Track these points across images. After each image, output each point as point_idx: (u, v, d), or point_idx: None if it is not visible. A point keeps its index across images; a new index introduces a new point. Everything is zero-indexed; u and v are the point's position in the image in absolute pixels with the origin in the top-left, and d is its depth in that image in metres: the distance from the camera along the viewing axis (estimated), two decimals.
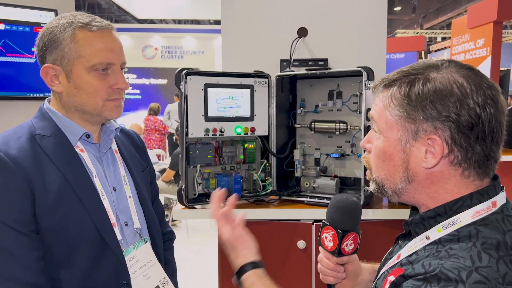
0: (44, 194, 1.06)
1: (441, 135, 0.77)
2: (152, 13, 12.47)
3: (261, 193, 2.12)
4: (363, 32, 2.34)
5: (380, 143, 0.85)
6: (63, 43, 1.09)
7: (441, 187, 0.81)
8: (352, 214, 1.04)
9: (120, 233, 1.18)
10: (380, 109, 0.84)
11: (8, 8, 2.00)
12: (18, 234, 1.03)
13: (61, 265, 1.09)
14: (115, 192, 1.21)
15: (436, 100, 0.76)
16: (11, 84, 2.05)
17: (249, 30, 2.38)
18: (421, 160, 0.80)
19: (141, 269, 1.21)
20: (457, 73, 0.78)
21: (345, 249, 1.04)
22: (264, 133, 2.12)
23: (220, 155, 2.09)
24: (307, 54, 2.36)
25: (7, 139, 1.08)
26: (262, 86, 2.10)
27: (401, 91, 0.80)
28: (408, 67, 0.84)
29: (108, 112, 1.15)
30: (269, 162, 2.16)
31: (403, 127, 0.80)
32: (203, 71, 1.98)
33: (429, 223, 0.82)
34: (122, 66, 1.18)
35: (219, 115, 2.01)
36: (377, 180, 0.88)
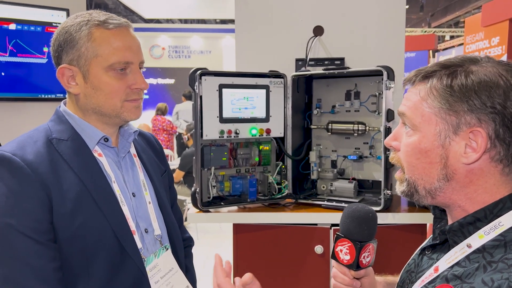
0: (61, 201, 1.02)
1: (485, 127, 0.74)
2: (159, 13, 12.43)
3: (277, 196, 2.07)
4: (381, 30, 2.28)
5: (415, 139, 0.81)
6: (80, 42, 1.05)
7: (480, 186, 0.77)
8: (369, 224, 0.99)
9: (141, 241, 1.14)
10: (416, 103, 0.81)
11: (19, 7, 1.96)
12: (34, 243, 0.98)
13: (79, 275, 1.04)
14: (135, 197, 1.16)
15: (481, 91, 0.74)
16: (22, 85, 2.01)
17: (264, 29, 2.32)
18: (460, 155, 0.76)
19: (164, 278, 1.17)
20: (499, 66, 0.77)
21: (363, 262, 0.99)
22: (279, 134, 2.07)
23: (234, 157, 2.04)
24: (323, 53, 2.31)
25: (23, 143, 1.04)
26: (277, 87, 2.05)
27: (443, 82, 0.77)
28: (444, 61, 0.81)
29: (127, 113, 1.11)
30: (284, 164, 2.10)
31: (443, 119, 0.77)
32: (218, 71, 1.93)
33: (469, 230, 0.78)
34: (141, 65, 1.13)
35: (234, 116, 1.96)
36: (410, 180, 0.83)
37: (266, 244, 2.01)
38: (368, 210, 1.00)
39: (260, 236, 2.01)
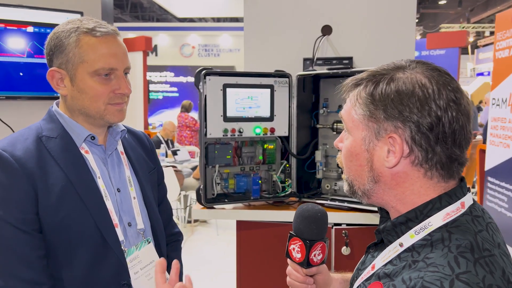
0: (46, 195, 1.08)
1: (401, 134, 0.77)
2: (191, 12, 12.64)
3: (280, 194, 2.09)
4: (390, 29, 2.26)
5: (348, 142, 0.86)
6: (68, 48, 1.11)
7: (407, 188, 0.80)
8: (318, 224, 1.02)
9: (123, 234, 1.19)
10: (348, 109, 0.85)
11: (37, 11, 2.08)
12: (20, 233, 1.06)
13: (63, 264, 1.11)
14: (119, 193, 1.22)
15: (397, 100, 0.77)
16: (39, 85, 2.12)
17: (272, 29, 2.35)
18: (383, 159, 0.80)
19: (144, 269, 1.23)
20: (422, 74, 0.78)
21: (314, 260, 1.01)
22: (284, 133, 2.09)
23: (239, 155, 2.08)
24: (331, 52, 2.31)
25: (14, 140, 1.12)
26: (282, 86, 2.07)
27: (366, 90, 0.81)
28: (378, 67, 0.84)
29: (110, 116, 1.16)
30: (289, 163, 2.13)
31: (366, 126, 0.81)
32: (222, 71, 1.98)
33: (401, 229, 0.81)
34: (126, 71, 1.18)
35: (238, 115, 2.00)
36: (348, 181, 0.88)
37: (268, 241, 2.04)
38: (317, 210, 1.03)
39: (263, 233, 2.04)
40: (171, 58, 11.74)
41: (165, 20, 15.13)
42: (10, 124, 2.17)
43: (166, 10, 13.32)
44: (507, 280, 0.71)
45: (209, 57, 11.93)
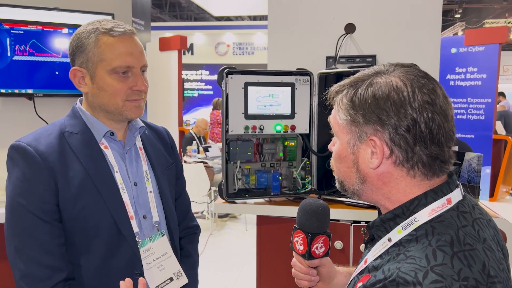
0: (66, 187, 1.15)
1: (380, 136, 0.80)
2: (227, 10, 12.78)
3: (300, 191, 2.12)
4: (415, 27, 2.23)
5: (336, 146, 0.90)
6: (88, 47, 1.18)
7: (393, 187, 0.84)
8: (319, 217, 1.05)
9: (138, 226, 1.25)
10: (334, 114, 0.90)
11: (71, 13, 2.20)
12: (41, 222, 1.14)
13: (80, 252, 1.18)
14: (136, 186, 1.27)
15: (374, 105, 0.80)
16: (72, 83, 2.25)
17: (295, 27, 2.37)
18: (368, 161, 0.83)
19: (156, 261, 1.28)
20: (398, 77, 0.81)
21: (316, 252, 1.06)
22: (304, 131, 2.12)
23: (260, 152, 2.13)
24: (354, 50, 2.31)
25: (39, 135, 1.19)
26: (303, 84, 2.09)
27: (347, 96, 0.84)
28: (360, 73, 0.87)
29: (128, 112, 1.22)
30: (309, 160, 2.15)
31: (349, 130, 0.85)
32: (244, 70, 2.02)
33: (389, 225, 0.84)
34: (143, 69, 1.24)
35: (259, 112, 2.04)
36: (339, 181, 0.92)
37: (288, 236, 2.06)
38: (318, 205, 1.07)
39: (283, 228, 2.08)
40: (206, 57, 11.93)
41: (203, 19, 15.37)
42: (47, 120, 2.32)
43: (203, 9, 13.54)
44: (487, 274, 0.72)
45: (243, 55, 12.04)
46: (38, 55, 2.16)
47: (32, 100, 2.25)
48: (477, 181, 1.81)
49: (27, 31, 2.12)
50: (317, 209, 1.06)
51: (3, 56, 2.09)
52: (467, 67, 6.17)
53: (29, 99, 2.24)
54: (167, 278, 1.30)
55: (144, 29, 6.42)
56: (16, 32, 2.11)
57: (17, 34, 2.11)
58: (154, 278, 1.27)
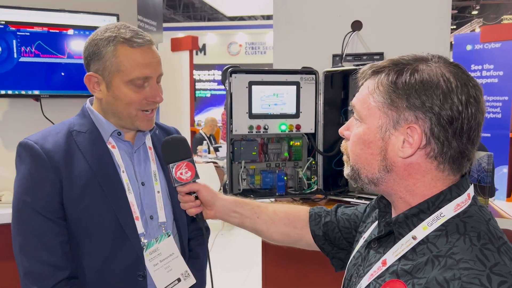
0: (70, 185, 1.15)
1: (421, 125, 0.77)
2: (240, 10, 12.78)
3: (306, 191, 2.09)
4: (424, 24, 2.18)
5: (360, 130, 0.85)
6: (105, 56, 1.16)
7: (418, 179, 0.81)
8: (171, 148, 1.16)
9: (144, 226, 1.23)
10: (364, 96, 0.84)
11: (76, 14, 2.21)
12: (45, 220, 1.14)
13: (83, 252, 1.18)
14: (143, 186, 1.26)
15: (421, 90, 0.77)
16: (79, 84, 2.26)
17: (301, 25, 2.34)
18: (398, 149, 0.79)
19: (163, 262, 1.26)
20: (446, 68, 0.79)
21: (182, 177, 1.14)
22: (310, 130, 2.09)
23: (265, 151, 2.10)
24: (361, 48, 2.27)
25: (47, 134, 1.20)
26: (308, 83, 2.06)
27: (389, 78, 0.80)
28: (398, 57, 0.83)
29: (139, 122, 1.22)
30: (315, 160, 2.12)
31: (385, 114, 0.80)
32: (248, 69, 2.00)
33: (413, 221, 0.81)
34: (159, 79, 1.23)
35: (263, 112, 2.02)
36: (354, 167, 0.87)
37: None
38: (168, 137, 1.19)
39: None
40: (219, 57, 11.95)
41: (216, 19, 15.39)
42: (54, 121, 2.33)
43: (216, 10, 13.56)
44: None
45: (256, 55, 12.02)
46: (44, 56, 2.17)
47: (39, 101, 2.27)
48: (487, 181, 1.75)
49: (32, 33, 2.14)
50: (166, 141, 1.17)
51: (9, 58, 2.11)
52: (483, 64, 6.01)
53: (36, 100, 2.26)
54: (175, 279, 1.28)
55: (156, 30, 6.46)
56: (22, 34, 2.12)
57: (23, 36, 2.13)
58: (162, 279, 1.26)
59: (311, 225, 1.19)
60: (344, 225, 1.14)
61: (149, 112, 1.23)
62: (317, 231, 1.17)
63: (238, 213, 1.22)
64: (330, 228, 1.16)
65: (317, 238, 1.18)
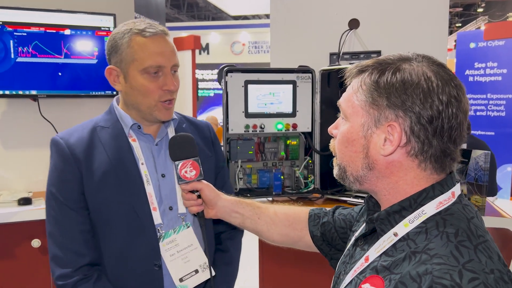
0: (90, 177, 1.22)
1: (401, 123, 0.78)
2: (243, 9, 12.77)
3: (303, 190, 2.08)
4: (421, 22, 2.17)
5: (345, 128, 0.86)
6: (121, 48, 1.23)
7: (401, 177, 0.81)
8: (178, 145, 1.18)
9: (161, 217, 1.27)
10: (349, 95, 0.85)
11: (73, 14, 2.21)
12: (68, 209, 1.22)
13: (102, 240, 1.25)
14: (163, 178, 1.30)
15: (402, 90, 0.77)
16: (75, 84, 2.27)
17: (298, 24, 2.33)
18: (379, 147, 0.80)
19: (180, 252, 1.29)
20: (428, 67, 0.79)
21: (187, 176, 1.16)
22: (307, 129, 2.08)
23: (262, 151, 2.10)
24: (358, 46, 2.25)
25: (74, 130, 1.29)
26: (305, 82, 2.05)
27: (371, 77, 0.81)
28: (384, 57, 0.84)
29: (158, 112, 1.26)
30: (312, 159, 2.11)
31: (367, 112, 0.81)
32: (244, 68, 2.00)
33: (395, 218, 0.81)
34: (174, 68, 1.27)
35: (259, 111, 2.02)
36: (341, 166, 0.88)
37: None
38: (175, 136, 1.21)
39: None
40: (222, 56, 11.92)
41: (220, 19, 15.39)
42: (51, 121, 2.34)
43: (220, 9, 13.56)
44: (503, 263, 0.73)
45: (259, 54, 11.98)
46: (41, 56, 2.18)
47: (37, 101, 2.28)
48: (484, 180, 1.74)
49: (29, 33, 2.14)
50: (175, 139, 1.19)
51: (6, 58, 2.12)
52: (486, 62, 5.98)
53: (33, 100, 2.27)
54: (192, 270, 1.30)
55: None
56: (19, 34, 2.13)
57: (20, 36, 2.14)
58: (178, 270, 1.28)
59: (310, 225, 1.20)
60: (340, 225, 1.15)
61: (167, 102, 1.26)
62: (315, 232, 1.18)
63: (239, 214, 1.22)
64: (327, 229, 1.17)
65: (316, 238, 1.18)
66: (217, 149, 1.48)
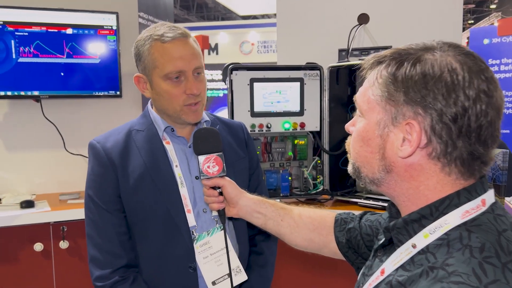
0: (126, 180, 1.23)
1: (420, 121, 0.68)
2: (253, 9, 12.70)
3: (312, 191, 2.02)
4: (434, 16, 2.08)
5: (360, 126, 0.77)
6: (143, 55, 1.22)
7: (422, 182, 0.72)
8: (202, 139, 1.15)
9: (195, 219, 1.26)
10: (365, 89, 0.77)
11: (75, 13, 2.17)
12: (105, 212, 1.23)
13: (138, 241, 1.25)
14: (197, 180, 1.28)
15: (421, 83, 0.68)
16: (78, 84, 2.22)
17: (306, 19, 2.27)
18: (397, 148, 0.71)
19: (214, 255, 1.26)
20: (454, 57, 0.69)
21: (209, 171, 1.14)
22: (315, 128, 2.01)
23: (269, 151, 2.03)
24: (368, 42, 2.18)
25: (110, 134, 1.29)
26: (313, 79, 1.98)
27: (388, 70, 0.72)
28: (405, 46, 0.74)
29: (185, 115, 1.24)
30: (321, 159, 2.04)
31: (383, 108, 0.73)
32: (249, 66, 1.94)
33: (413, 228, 0.72)
34: (198, 71, 1.23)
35: (265, 110, 1.95)
36: (354, 165, 0.80)
37: None
38: (200, 128, 1.19)
39: None
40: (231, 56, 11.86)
41: (230, 19, 15.35)
42: (54, 122, 2.30)
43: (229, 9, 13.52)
44: None
45: (268, 53, 11.90)
46: (42, 56, 2.14)
47: (39, 102, 2.24)
48: (502, 180, 1.65)
49: (31, 33, 2.10)
50: (199, 132, 1.17)
51: (8, 59, 2.08)
52: (500, 58, 5.82)
53: (36, 101, 2.23)
54: (225, 273, 1.26)
55: None
56: (20, 34, 2.09)
57: (21, 36, 2.10)
58: (211, 273, 1.26)
59: (335, 231, 1.11)
60: (366, 232, 1.06)
61: (193, 105, 1.24)
62: (341, 238, 1.09)
63: (261, 214, 1.16)
64: (353, 235, 1.08)
65: (341, 245, 1.09)
66: (251, 150, 1.45)
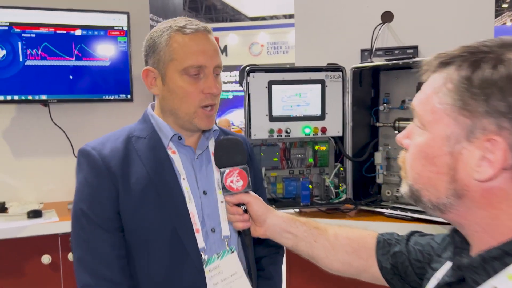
0: (127, 193, 1.07)
1: (506, 137, 0.57)
2: (262, 11, 12.65)
3: (334, 200, 1.90)
4: (463, 13, 1.96)
5: (422, 140, 0.65)
6: (159, 47, 1.11)
7: (504, 211, 0.60)
8: (225, 150, 1.03)
9: (204, 240, 1.12)
10: (428, 95, 0.65)
11: (84, 13, 2.08)
12: (102, 231, 1.06)
13: (140, 266, 1.09)
14: (205, 196, 1.16)
15: (508, 90, 0.56)
16: (88, 87, 2.14)
17: (325, 18, 2.16)
18: (473, 169, 0.60)
19: (224, 281, 1.13)
20: None
21: (233, 186, 1.01)
22: (337, 133, 1.89)
23: (288, 157, 1.93)
24: (393, 41, 2.06)
25: (106, 139, 1.14)
26: (335, 81, 1.87)
27: (461, 73, 0.60)
28: (476, 43, 0.62)
29: (198, 120, 1.12)
30: (343, 166, 1.92)
31: (454, 120, 0.61)
32: (267, 67, 1.84)
33: (493, 267, 0.60)
34: (217, 70, 1.13)
35: (285, 114, 1.84)
36: (412, 188, 0.68)
37: None
38: (223, 139, 1.06)
39: None
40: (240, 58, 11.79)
41: (238, 20, 15.32)
42: (63, 127, 2.22)
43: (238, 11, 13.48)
44: None
45: (278, 55, 11.83)
46: (50, 58, 2.05)
47: (47, 107, 2.15)
48: None
49: (38, 34, 2.02)
50: (221, 142, 1.05)
51: (14, 61, 2.00)
52: None
53: (44, 106, 2.15)
54: None
55: None
56: (27, 36, 2.01)
57: (28, 37, 2.01)
58: None
59: (378, 254, 0.98)
60: (416, 257, 0.93)
61: (208, 109, 1.13)
62: (385, 263, 0.97)
63: (292, 234, 1.04)
64: (400, 261, 0.95)
65: (385, 270, 0.97)
66: (254, 164, 1.33)
